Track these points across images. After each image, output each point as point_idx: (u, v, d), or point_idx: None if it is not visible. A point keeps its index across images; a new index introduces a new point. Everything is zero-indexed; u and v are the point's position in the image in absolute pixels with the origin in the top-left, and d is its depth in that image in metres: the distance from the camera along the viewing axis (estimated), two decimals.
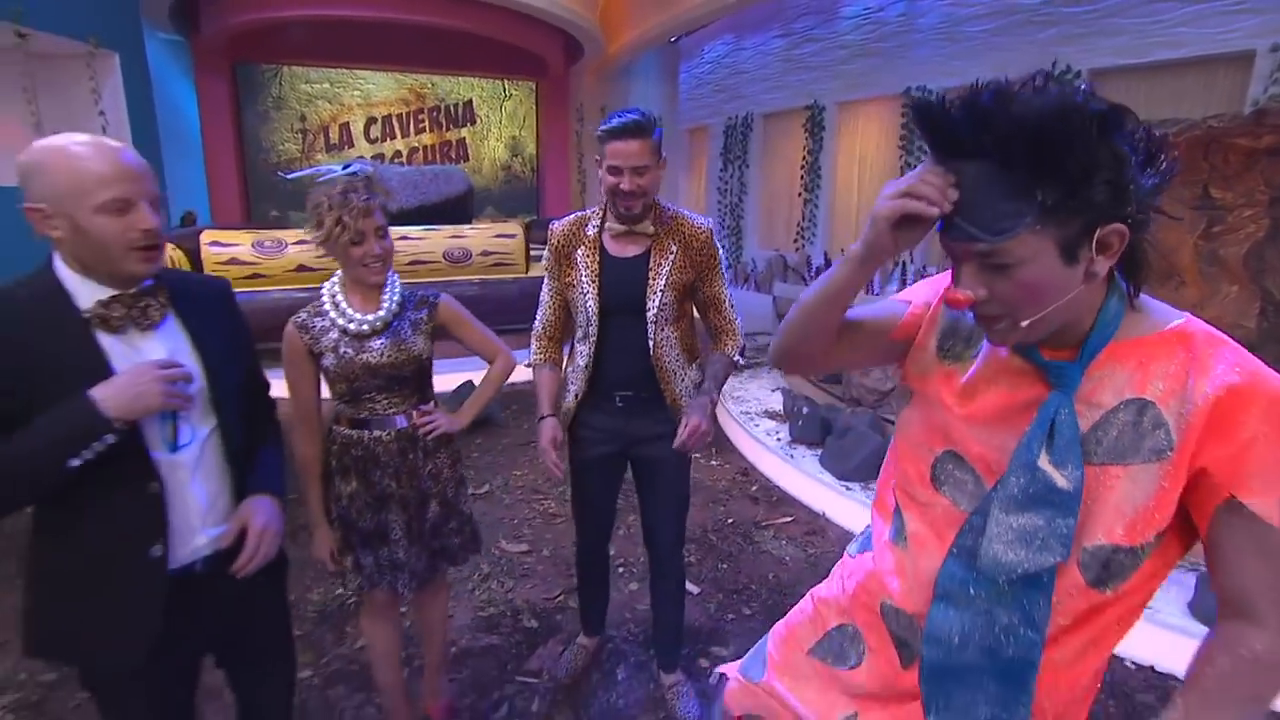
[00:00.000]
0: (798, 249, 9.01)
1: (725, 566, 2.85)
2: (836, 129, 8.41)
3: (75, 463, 0.98)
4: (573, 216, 1.87)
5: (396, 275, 1.68)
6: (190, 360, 1.15)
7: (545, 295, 1.92)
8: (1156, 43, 5.40)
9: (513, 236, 5.93)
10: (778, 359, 1.00)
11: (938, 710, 0.89)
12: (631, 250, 1.77)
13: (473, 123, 10.35)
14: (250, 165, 9.28)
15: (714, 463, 4.01)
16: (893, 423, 3.66)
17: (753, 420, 4.23)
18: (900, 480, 0.96)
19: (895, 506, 0.97)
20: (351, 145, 9.65)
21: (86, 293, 1.06)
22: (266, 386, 1.38)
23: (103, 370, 1.04)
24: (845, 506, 3.16)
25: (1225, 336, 0.76)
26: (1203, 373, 0.72)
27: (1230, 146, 4.44)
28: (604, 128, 1.66)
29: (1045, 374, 0.78)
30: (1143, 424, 0.74)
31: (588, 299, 1.77)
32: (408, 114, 9.93)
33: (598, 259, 1.77)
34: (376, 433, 1.63)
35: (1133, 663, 2.25)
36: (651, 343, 1.77)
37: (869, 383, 4.03)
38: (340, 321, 1.57)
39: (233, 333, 1.26)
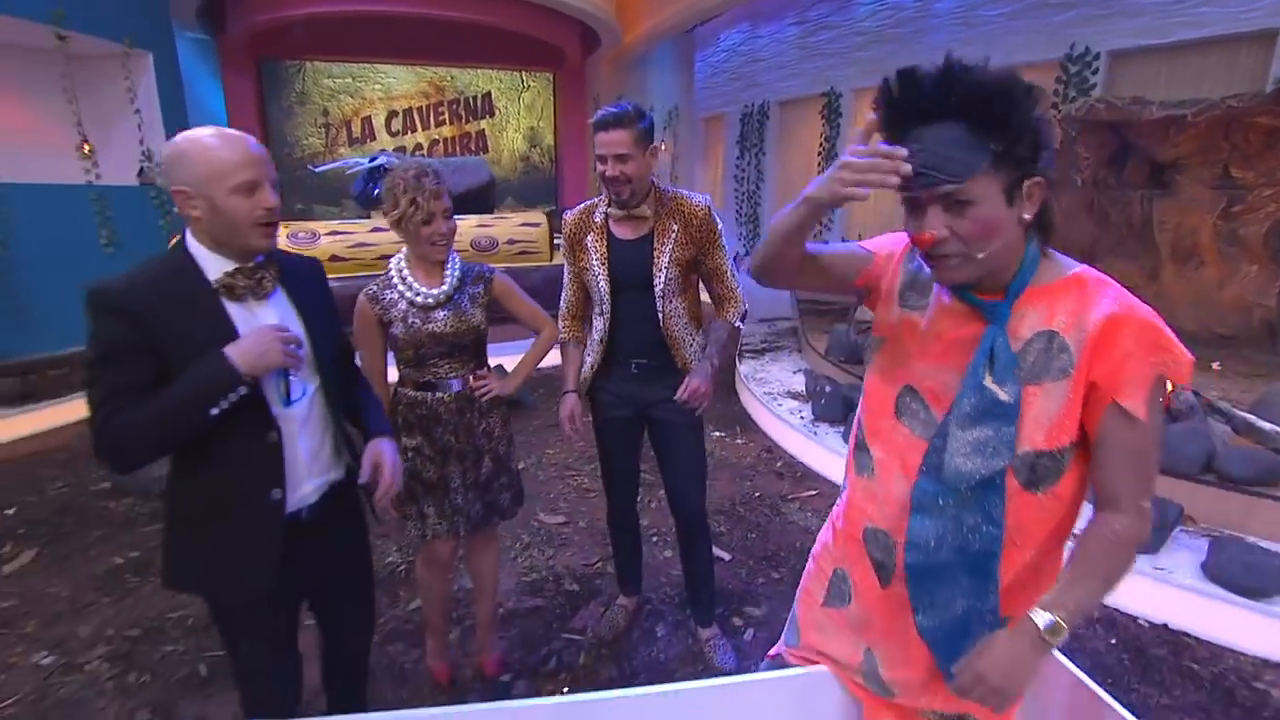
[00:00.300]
0: (816, 235, 9.07)
1: (754, 535, 2.98)
2: (853, 115, 8.43)
3: (214, 411, 1.14)
4: (582, 206, 2.03)
5: (456, 254, 1.86)
6: (296, 326, 1.30)
7: (566, 278, 2.10)
8: (1178, 23, 5.39)
9: (537, 225, 6.07)
10: (756, 273, 1.14)
11: (924, 609, 1.03)
12: (636, 232, 1.92)
13: (491, 115, 10.47)
14: (275, 160, 9.49)
15: (739, 441, 4.14)
16: None
17: (776, 400, 4.35)
18: (867, 418, 1.11)
19: (861, 442, 1.12)
20: (373, 138, 9.82)
21: (215, 266, 1.21)
22: (354, 354, 1.53)
23: (230, 332, 1.19)
24: None
25: (1110, 279, 0.94)
26: (1092, 306, 0.90)
27: (1251, 125, 4.48)
28: (591, 121, 1.83)
29: (981, 312, 0.95)
30: (1052, 349, 0.92)
31: (599, 280, 1.94)
32: (428, 107, 10.08)
33: (605, 243, 1.94)
34: (438, 394, 1.81)
35: (1146, 621, 2.36)
36: (661, 315, 1.93)
37: None
38: (408, 295, 1.75)
39: (327, 305, 1.41)
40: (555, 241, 6.30)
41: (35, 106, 6.41)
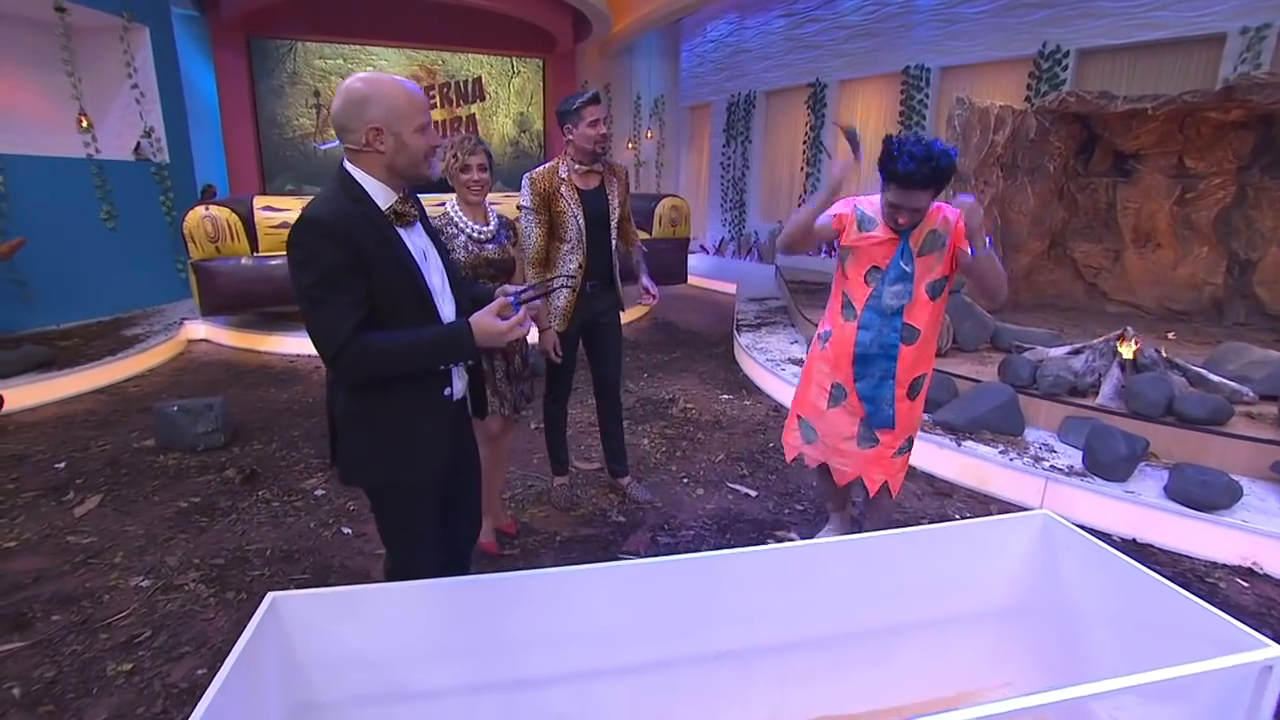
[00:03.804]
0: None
1: (774, 477, 3.30)
2: (838, 105, 8.81)
3: (442, 367, 1.38)
4: (544, 167, 2.62)
5: (494, 207, 2.39)
6: (435, 253, 1.53)
7: (534, 229, 2.60)
8: (1139, 25, 5.86)
9: None
10: (785, 248, 2.16)
11: (861, 379, 2.16)
12: (591, 184, 2.63)
13: (482, 99, 10.57)
14: (266, 139, 9.47)
15: (746, 402, 4.46)
16: None
17: (779, 366, 4.68)
18: (849, 288, 2.15)
19: (847, 302, 2.15)
20: None
21: (382, 195, 1.39)
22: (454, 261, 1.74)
23: (407, 254, 1.40)
24: None
25: (942, 203, 2.05)
26: (950, 215, 2.03)
27: (1203, 120, 4.96)
28: (580, 100, 2.50)
29: (900, 235, 2.04)
30: (936, 237, 2.04)
31: (578, 218, 2.60)
32: None
33: (576, 191, 2.60)
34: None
35: (1119, 537, 2.74)
36: (614, 241, 2.72)
37: None
38: (467, 230, 2.29)
39: (435, 230, 1.61)
40: None
41: (34, 78, 6.35)
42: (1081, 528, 2.91)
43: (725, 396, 4.58)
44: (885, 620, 1.71)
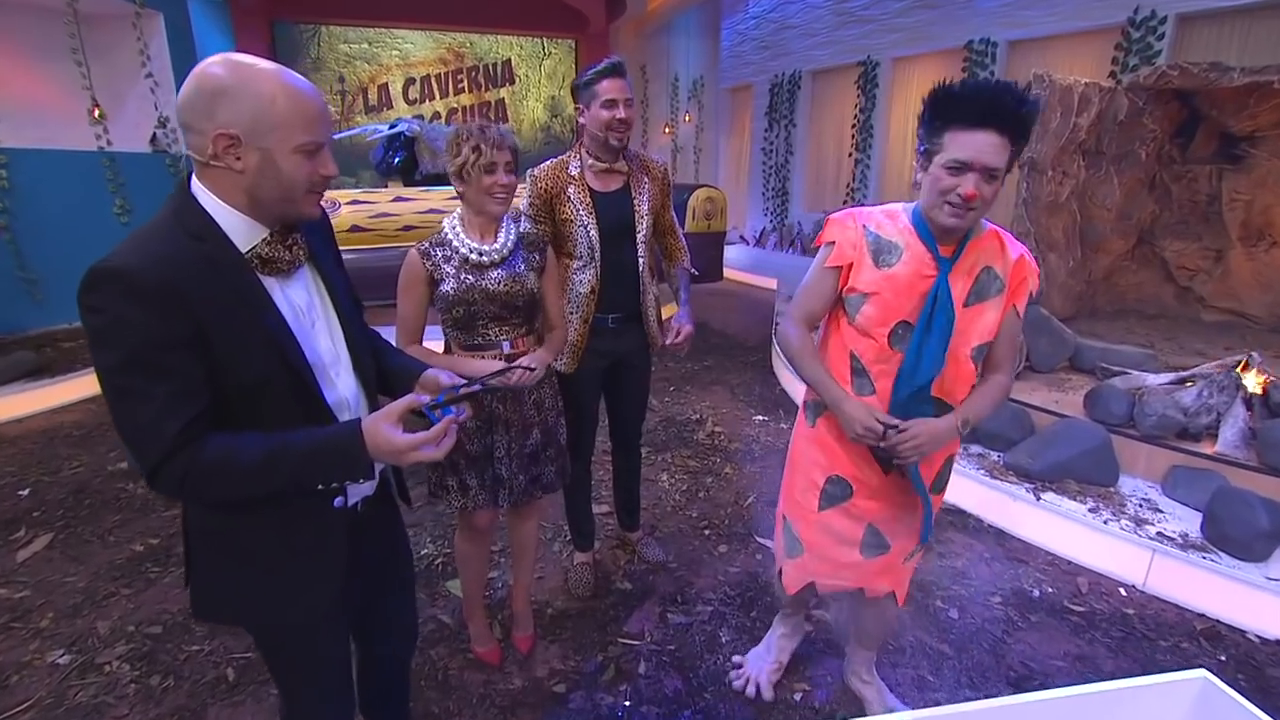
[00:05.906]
0: None
1: None
2: (891, 85, 8.06)
3: (321, 488, 0.98)
4: (550, 162, 2.05)
5: (514, 220, 1.77)
6: (323, 310, 1.09)
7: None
8: None
9: None
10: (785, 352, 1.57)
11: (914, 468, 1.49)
12: (610, 185, 2.04)
13: (512, 83, 10.12)
14: None
15: (782, 425, 3.94)
16: None
17: None
18: (859, 349, 1.45)
19: (858, 366, 1.46)
20: (390, 106, 9.50)
21: (242, 232, 0.96)
22: (363, 307, 1.26)
23: (277, 317, 0.97)
24: None
25: (1003, 229, 1.44)
26: (1008, 250, 1.41)
27: None
28: (594, 70, 1.92)
29: (937, 263, 1.36)
30: (991, 278, 1.40)
31: (588, 229, 1.99)
32: (446, 74, 9.74)
33: (588, 194, 2.00)
34: (488, 356, 1.73)
35: (1258, 636, 2.15)
36: (641, 261, 2.09)
37: None
38: (463, 250, 1.67)
39: (339, 263, 1.18)
40: None
41: (43, 69, 6.15)
42: (1202, 617, 2.35)
43: (760, 417, 4.06)
44: None
